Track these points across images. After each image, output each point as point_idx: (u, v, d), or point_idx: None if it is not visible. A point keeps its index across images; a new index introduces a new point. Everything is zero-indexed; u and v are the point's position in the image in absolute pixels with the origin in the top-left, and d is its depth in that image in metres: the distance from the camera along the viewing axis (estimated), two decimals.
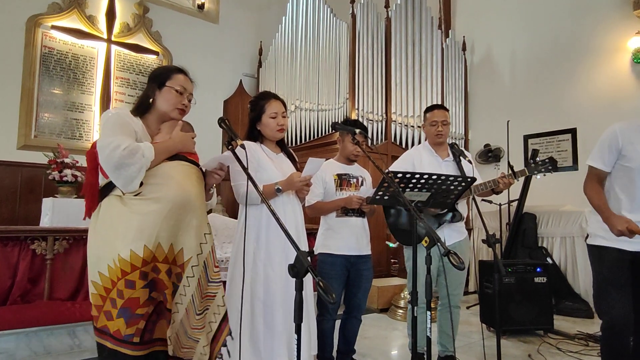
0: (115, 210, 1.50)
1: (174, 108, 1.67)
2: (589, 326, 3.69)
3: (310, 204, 2.49)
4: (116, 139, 1.44)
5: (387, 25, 5.57)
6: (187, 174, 1.62)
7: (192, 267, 1.56)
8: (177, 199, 1.52)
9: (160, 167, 1.55)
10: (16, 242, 2.89)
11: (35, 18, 5.30)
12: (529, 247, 4.56)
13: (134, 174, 1.45)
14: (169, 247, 1.52)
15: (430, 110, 2.72)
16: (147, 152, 1.48)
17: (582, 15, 5.35)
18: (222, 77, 6.81)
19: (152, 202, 1.49)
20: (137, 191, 1.50)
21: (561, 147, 5.46)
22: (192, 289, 1.56)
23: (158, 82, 1.68)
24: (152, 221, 1.48)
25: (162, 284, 1.52)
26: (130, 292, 1.44)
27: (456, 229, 2.61)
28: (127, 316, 1.43)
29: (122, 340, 1.43)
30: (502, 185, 2.49)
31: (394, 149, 5.39)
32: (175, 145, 1.61)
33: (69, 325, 2.79)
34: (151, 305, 1.49)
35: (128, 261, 1.44)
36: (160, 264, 1.50)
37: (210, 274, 1.64)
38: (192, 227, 1.57)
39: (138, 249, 1.45)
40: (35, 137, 5.25)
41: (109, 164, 1.43)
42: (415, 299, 1.92)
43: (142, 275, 1.46)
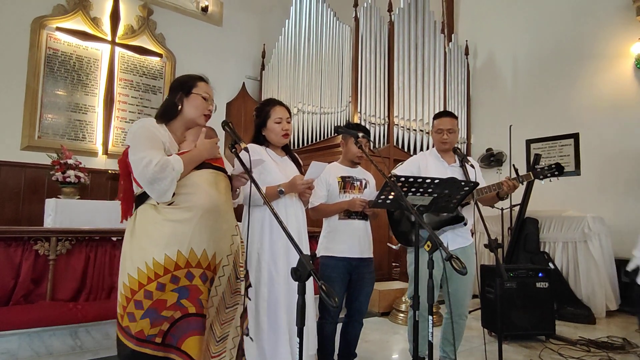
0: (151, 217, 1.60)
1: (201, 114, 1.76)
2: (590, 332, 3.68)
3: (313, 206, 2.50)
4: (147, 155, 1.54)
5: (390, 29, 5.59)
6: (214, 181, 1.71)
7: (223, 267, 1.66)
8: (206, 206, 1.62)
9: (189, 177, 1.64)
10: (19, 242, 2.90)
11: (40, 20, 5.33)
12: (531, 252, 4.55)
13: (167, 187, 1.55)
14: (202, 252, 1.60)
15: (438, 117, 2.72)
16: (177, 165, 1.57)
17: (585, 21, 5.36)
18: (225, 79, 6.82)
19: (184, 210, 1.59)
20: (170, 201, 1.60)
21: (563, 152, 5.46)
22: (222, 287, 1.66)
23: (185, 90, 1.75)
24: (184, 228, 1.57)
25: (196, 289, 1.58)
26: (159, 294, 1.52)
27: (460, 234, 2.59)
28: (153, 317, 1.50)
29: (145, 340, 1.49)
30: (506, 189, 2.46)
31: (396, 152, 5.40)
32: (201, 154, 1.69)
33: (71, 326, 2.80)
34: (179, 311, 1.54)
35: (162, 265, 1.53)
36: (193, 269, 1.58)
37: (237, 271, 1.72)
38: (222, 231, 1.67)
39: (172, 254, 1.54)
40: (39, 138, 5.28)
41: (143, 180, 1.55)
42: (417, 303, 1.92)
43: (173, 279, 1.54)
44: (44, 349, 2.70)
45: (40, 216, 4.66)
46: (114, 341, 2.88)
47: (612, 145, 5.03)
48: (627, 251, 4.70)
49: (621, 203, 4.89)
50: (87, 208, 4.45)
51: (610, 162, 5.03)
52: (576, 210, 4.70)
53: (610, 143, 5.04)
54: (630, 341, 3.32)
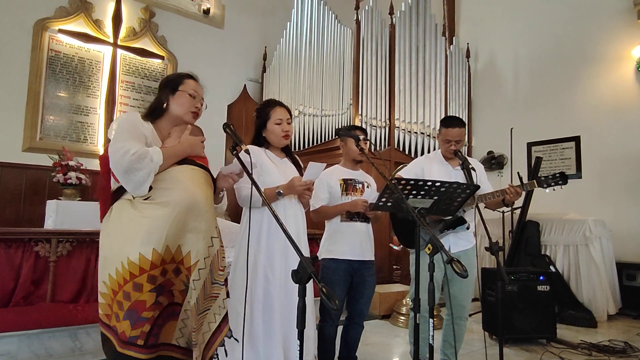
0: (126, 214, 1.53)
1: (187, 111, 1.72)
2: (592, 335, 3.67)
3: (314, 209, 2.49)
4: (126, 144, 1.48)
5: (392, 31, 5.60)
6: (195, 178, 1.64)
7: (199, 270, 1.58)
8: (184, 203, 1.54)
9: (168, 172, 1.57)
10: (20, 243, 2.90)
11: (42, 22, 5.35)
12: (532, 255, 4.54)
13: (143, 179, 1.48)
14: (177, 248, 1.54)
15: (446, 125, 2.61)
16: (156, 156, 1.51)
17: (586, 24, 5.36)
18: (227, 81, 6.83)
19: (160, 206, 1.52)
20: (146, 195, 1.53)
21: (565, 155, 5.45)
22: (197, 292, 1.58)
23: (171, 88, 1.72)
24: (160, 225, 1.50)
25: (170, 283, 1.54)
26: (137, 295, 1.46)
27: (463, 237, 2.58)
28: (133, 319, 1.45)
29: (128, 342, 1.45)
30: (510, 196, 2.45)
31: (397, 155, 5.39)
32: (184, 150, 1.64)
33: (71, 327, 2.79)
34: (157, 309, 1.50)
35: (137, 264, 1.46)
36: (167, 264, 1.53)
37: (215, 275, 1.66)
38: (200, 231, 1.58)
39: (147, 253, 1.47)
40: (41, 139, 5.28)
41: (119, 169, 1.47)
42: (418, 305, 1.91)
43: (150, 279, 1.48)
44: (43, 351, 2.69)
45: (41, 218, 4.67)
46: None
47: (613, 148, 5.02)
48: (628, 254, 4.71)
49: (622, 206, 4.88)
50: (88, 210, 4.44)
51: (611, 165, 5.02)
52: (577, 214, 4.69)
53: (611, 146, 5.04)
54: (632, 345, 3.30)
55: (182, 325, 1.58)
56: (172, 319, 1.56)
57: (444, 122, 2.67)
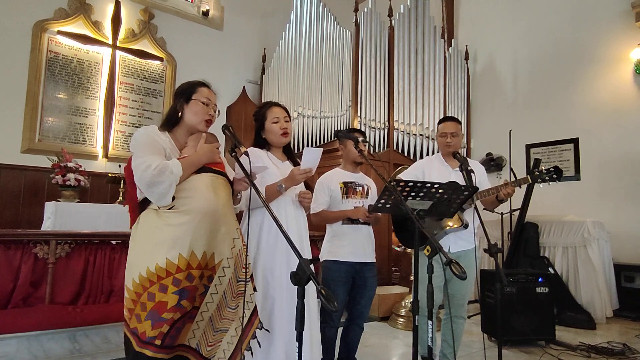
0: (152, 223, 1.64)
1: (201, 120, 1.79)
2: (591, 337, 3.67)
3: (315, 212, 2.50)
4: (147, 159, 1.58)
5: (390, 33, 5.61)
6: (213, 184, 1.72)
7: (223, 268, 1.68)
8: (204, 210, 1.63)
9: (188, 181, 1.67)
10: (19, 245, 2.90)
11: (41, 23, 5.35)
12: (531, 256, 4.54)
13: (165, 191, 1.58)
14: (202, 254, 1.62)
15: (441, 122, 2.77)
16: (175, 169, 1.60)
17: (585, 26, 5.38)
18: (226, 83, 6.84)
19: (183, 214, 1.62)
20: (170, 205, 1.63)
21: (563, 157, 5.46)
22: (223, 287, 1.68)
23: (185, 97, 1.79)
24: (185, 231, 1.60)
25: (194, 288, 1.62)
26: (161, 296, 1.55)
27: (463, 237, 2.59)
28: (154, 319, 1.53)
29: (146, 342, 1.52)
30: (504, 193, 2.48)
31: (396, 156, 5.40)
32: (200, 159, 1.71)
33: (69, 329, 2.79)
34: (178, 312, 1.58)
35: (164, 268, 1.56)
36: (194, 270, 1.61)
37: (239, 273, 1.74)
38: (222, 234, 1.68)
39: (174, 257, 1.57)
40: (40, 141, 5.28)
41: (142, 183, 1.59)
42: (417, 307, 1.91)
43: (175, 282, 1.57)
44: (42, 353, 2.69)
45: (40, 219, 4.66)
46: (113, 345, 2.90)
47: (611, 150, 5.03)
48: (627, 256, 4.71)
49: (621, 208, 4.89)
50: (87, 211, 4.45)
51: (609, 167, 5.04)
52: (576, 215, 4.70)
53: (610, 148, 5.05)
54: (631, 347, 3.30)
55: (195, 327, 1.66)
56: (190, 322, 1.64)
57: (439, 122, 2.82)
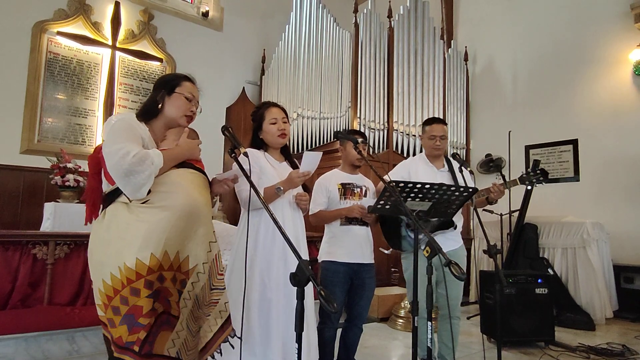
0: (122, 218, 1.48)
1: (182, 115, 1.69)
2: (590, 338, 3.67)
3: (313, 213, 2.50)
4: (125, 146, 1.43)
5: (390, 34, 5.61)
6: (195, 182, 1.62)
7: (197, 273, 1.56)
8: (185, 207, 1.52)
9: (168, 175, 1.54)
10: (17, 246, 2.89)
11: (41, 24, 5.35)
12: (530, 257, 4.54)
13: (143, 181, 1.44)
14: (175, 254, 1.51)
15: (429, 123, 2.74)
16: (156, 159, 1.47)
17: (584, 27, 5.39)
18: (225, 84, 6.84)
19: (160, 210, 1.48)
20: (144, 199, 1.48)
21: (562, 158, 5.47)
22: (195, 292, 1.56)
23: (167, 89, 1.69)
24: (159, 229, 1.46)
25: (167, 291, 1.51)
26: (134, 300, 1.43)
27: (451, 237, 2.60)
28: (130, 323, 1.43)
29: (124, 347, 1.43)
30: (494, 195, 2.51)
31: (395, 157, 5.40)
32: (182, 153, 1.62)
33: (68, 330, 2.78)
34: (153, 316, 1.47)
35: (134, 269, 1.43)
36: (165, 271, 1.49)
37: (213, 280, 1.64)
38: (199, 236, 1.56)
39: (145, 258, 1.44)
40: (39, 141, 5.27)
41: (118, 171, 1.42)
42: (416, 309, 1.91)
43: (147, 284, 1.44)
44: (40, 354, 2.68)
45: (39, 220, 4.66)
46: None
47: (610, 151, 5.04)
48: (626, 257, 4.72)
49: (620, 209, 4.89)
50: None
51: (609, 168, 5.04)
52: (575, 216, 4.70)
53: (609, 149, 5.05)
54: (630, 348, 3.30)
55: (175, 336, 1.54)
56: (166, 329, 1.52)
57: (425, 122, 2.80)
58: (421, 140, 2.82)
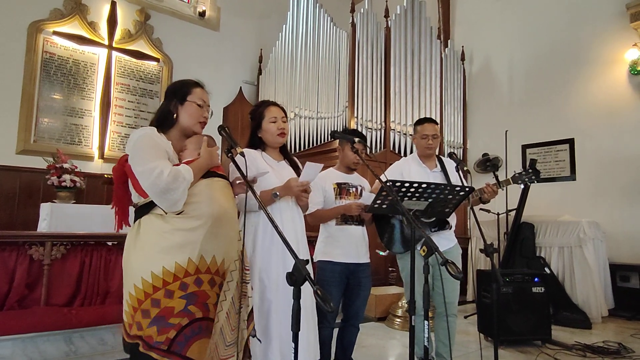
0: (157, 228, 1.57)
1: (196, 122, 1.75)
2: (586, 337, 3.69)
3: (310, 212, 2.50)
4: (158, 165, 1.51)
5: (387, 34, 5.62)
6: (221, 189, 1.71)
7: (231, 272, 1.65)
8: (215, 214, 1.61)
9: (197, 186, 1.63)
10: (14, 247, 2.88)
11: (37, 24, 5.33)
12: (527, 256, 4.56)
13: (179, 197, 1.54)
14: (212, 258, 1.59)
15: (421, 123, 2.75)
16: (188, 174, 1.56)
17: (580, 27, 5.41)
18: (222, 84, 6.83)
19: (194, 219, 1.58)
20: (179, 210, 1.57)
21: (559, 157, 5.49)
22: (232, 292, 1.64)
23: (179, 98, 1.73)
24: (195, 236, 1.56)
25: (205, 295, 1.58)
26: (167, 302, 1.51)
27: (445, 236, 2.60)
28: (160, 324, 1.49)
29: (152, 346, 1.49)
30: (487, 195, 2.51)
31: (392, 157, 5.40)
32: (207, 163, 1.69)
33: (65, 331, 2.78)
34: (186, 317, 1.53)
35: (172, 272, 1.52)
36: (202, 274, 1.57)
37: (244, 274, 1.71)
38: (230, 238, 1.67)
39: (182, 262, 1.53)
40: (35, 141, 5.26)
41: (155, 190, 1.51)
42: (413, 308, 1.92)
43: (182, 286, 1.53)
44: (38, 355, 2.67)
45: (35, 221, 4.64)
46: (108, 346, 2.89)
47: (606, 150, 5.06)
48: (622, 256, 4.74)
49: (616, 208, 4.91)
50: (83, 213, 4.43)
51: (605, 167, 5.06)
52: (571, 215, 4.72)
53: (605, 148, 5.08)
54: (626, 346, 3.32)
55: (213, 347, 1.58)
56: (205, 336, 1.57)
57: (417, 122, 2.81)
58: (413, 140, 2.83)
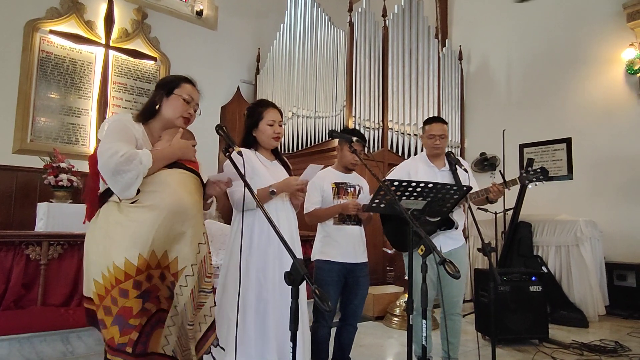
0: (112, 217, 1.50)
1: (179, 116, 1.69)
2: (583, 335, 3.70)
3: (308, 211, 2.50)
4: (115, 145, 1.45)
5: (385, 34, 5.62)
6: (184, 182, 1.61)
7: (185, 276, 1.56)
8: (172, 207, 1.52)
9: (157, 175, 1.54)
10: (10, 246, 2.87)
11: (33, 22, 5.30)
12: (524, 255, 4.57)
13: (131, 181, 1.45)
14: (163, 254, 1.52)
15: (429, 122, 2.75)
16: (145, 159, 1.47)
17: (577, 27, 5.42)
18: (220, 83, 6.82)
19: (147, 209, 1.49)
20: (133, 198, 1.50)
21: (556, 157, 5.50)
22: (185, 298, 1.56)
23: (166, 90, 1.69)
24: (146, 229, 1.48)
25: (156, 288, 1.52)
26: (123, 301, 1.44)
27: (452, 236, 2.61)
28: (121, 324, 1.43)
29: (117, 349, 1.43)
30: (493, 195, 2.51)
31: (390, 156, 5.41)
32: (174, 153, 1.61)
33: (62, 331, 2.77)
34: (144, 316, 1.48)
35: (122, 269, 1.44)
36: (153, 270, 1.51)
37: (201, 283, 1.63)
38: (187, 237, 1.56)
39: (132, 258, 1.45)
40: (32, 141, 5.24)
41: (107, 170, 1.44)
42: (411, 307, 1.92)
43: (136, 285, 1.45)
44: (34, 355, 2.66)
45: (32, 220, 4.62)
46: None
47: (603, 149, 5.07)
48: (619, 255, 4.75)
49: (613, 207, 4.93)
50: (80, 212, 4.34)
51: (602, 166, 5.08)
52: (569, 214, 4.73)
53: (602, 147, 5.09)
54: (623, 344, 3.33)
55: (167, 332, 1.55)
56: (159, 327, 1.53)
57: (425, 122, 2.81)
58: (422, 140, 2.83)
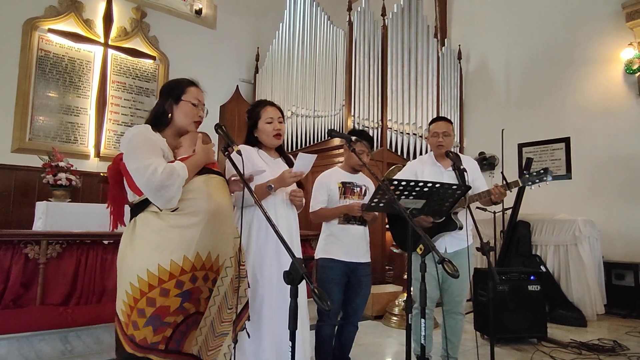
0: (153, 225, 1.58)
1: (191, 122, 1.75)
2: (582, 334, 3.71)
3: (314, 210, 2.52)
4: (152, 162, 1.52)
5: (384, 33, 5.62)
6: (217, 186, 1.72)
7: (225, 268, 1.67)
8: (211, 211, 1.62)
9: (192, 182, 1.63)
10: (9, 245, 2.86)
11: (32, 21, 5.29)
12: (523, 255, 4.57)
13: (174, 194, 1.54)
14: (207, 255, 1.61)
15: (433, 122, 2.78)
16: (182, 171, 1.57)
17: (576, 26, 5.43)
18: (219, 82, 6.81)
19: (190, 216, 1.59)
20: (174, 207, 1.58)
21: (555, 156, 5.51)
22: (224, 288, 1.67)
23: (174, 97, 1.73)
24: (191, 233, 1.57)
25: (199, 290, 1.59)
26: (162, 300, 1.51)
27: (457, 237, 2.60)
28: (155, 324, 1.50)
29: (148, 348, 1.49)
30: (495, 196, 2.50)
31: (389, 156, 5.41)
32: (202, 159, 1.69)
33: (61, 330, 2.77)
34: (181, 315, 1.55)
35: (167, 270, 1.52)
36: (198, 271, 1.58)
37: (239, 270, 1.74)
38: (226, 234, 1.68)
39: (178, 259, 1.53)
40: (30, 140, 5.23)
41: (150, 187, 1.51)
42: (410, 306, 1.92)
43: (178, 284, 1.54)
44: (33, 354, 2.66)
45: (31, 219, 4.62)
46: (105, 345, 2.87)
47: (602, 149, 5.08)
48: (617, 254, 4.77)
49: (611, 206, 4.94)
50: (79, 211, 4.41)
51: (600, 166, 5.09)
52: (567, 214, 4.74)
53: (600, 147, 5.10)
54: (621, 343, 3.34)
55: (199, 333, 1.63)
56: (194, 328, 1.61)
57: (430, 122, 2.84)
58: (428, 140, 2.85)
